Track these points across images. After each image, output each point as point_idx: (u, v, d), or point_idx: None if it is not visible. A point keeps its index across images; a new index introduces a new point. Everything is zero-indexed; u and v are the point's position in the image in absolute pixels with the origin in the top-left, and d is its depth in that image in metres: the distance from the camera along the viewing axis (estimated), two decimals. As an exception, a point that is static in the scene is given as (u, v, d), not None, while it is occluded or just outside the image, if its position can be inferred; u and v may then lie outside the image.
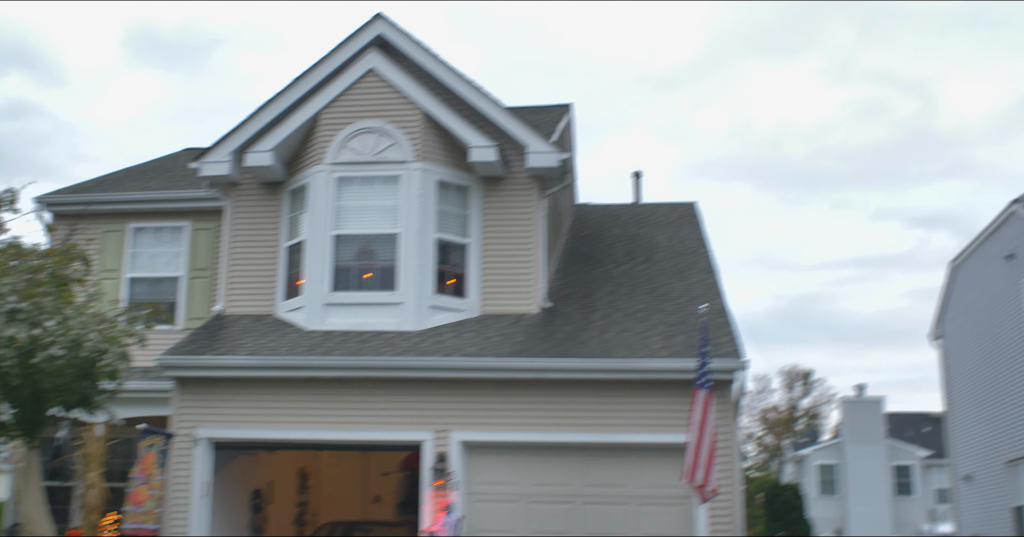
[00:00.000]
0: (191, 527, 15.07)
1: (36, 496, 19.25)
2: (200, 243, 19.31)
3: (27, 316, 12.63)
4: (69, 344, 13.00)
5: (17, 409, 14.42)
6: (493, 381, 14.74)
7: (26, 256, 13.74)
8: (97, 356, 13.39)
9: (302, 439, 15.35)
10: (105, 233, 19.70)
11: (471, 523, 14.62)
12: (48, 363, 12.97)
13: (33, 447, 19.12)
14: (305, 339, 15.77)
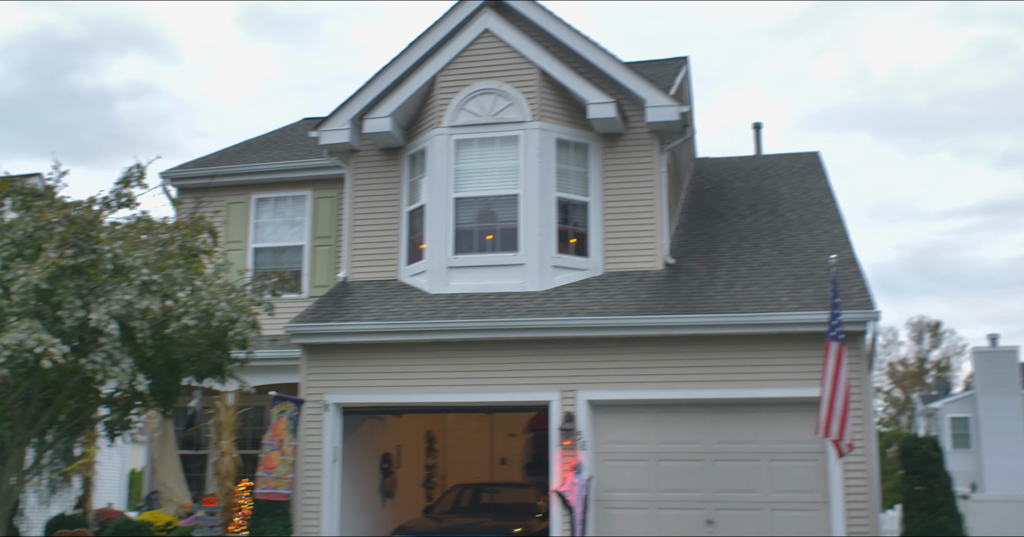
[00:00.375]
0: (323, 491, 15.34)
1: (172, 464, 19.83)
2: (322, 211, 19.53)
3: (159, 288, 12.90)
4: (200, 314, 13.25)
5: (152, 380, 14.78)
6: (618, 339, 14.64)
7: (155, 230, 14.04)
8: (228, 325, 13.65)
9: (429, 402, 15.47)
10: (229, 205, 20.05)
11: (600, 482, 14.60)
12: (181, 333, 13.25)
13: (168, 417, 19.64)
14: (429, 303, 15.86)
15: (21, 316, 12.09)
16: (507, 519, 16.43)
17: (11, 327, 11.76)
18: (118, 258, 12.54)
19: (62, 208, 12.84)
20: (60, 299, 12.36)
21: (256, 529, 14.48)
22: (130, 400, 15.50)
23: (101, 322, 12.05)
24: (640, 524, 14.50)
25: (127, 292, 12.41)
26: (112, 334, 12.10)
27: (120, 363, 12.39)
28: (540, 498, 17.26)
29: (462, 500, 18.03)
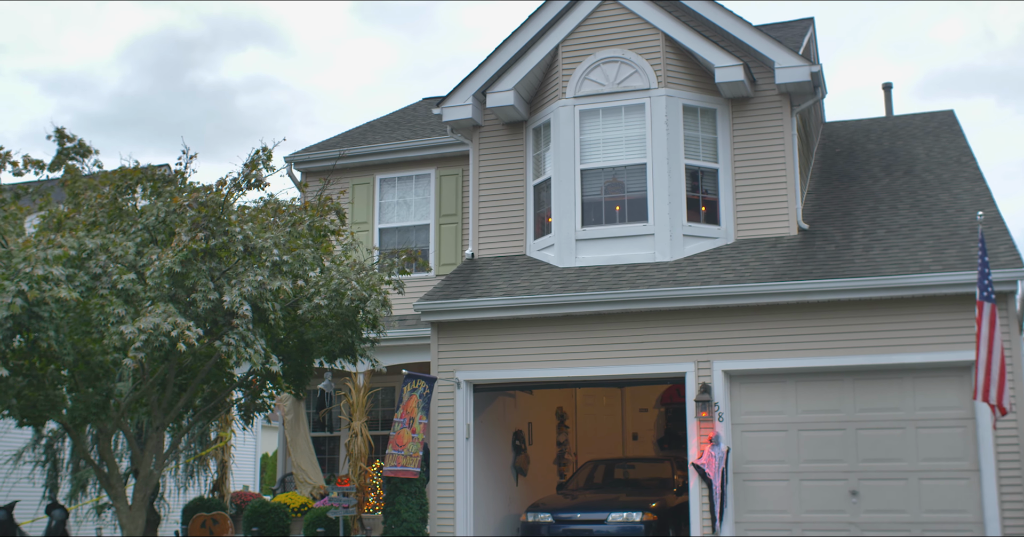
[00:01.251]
0: (457, 469, 15.24)
1: (304, 447, 19.99)
2: (446, 189, 19.44)
3: (290, 268, 12.90)
4: (331, 294, 13.23)
5: (284, 361, 14.84)
6: (754, 307, 14.22)
7: (283, 212, 14.06)
8: (358, 304, 13.59)
9: (561, 377, 15.24)
10: (353, 186, 20.09)
11: (738, 454, 14.23)
12: (312, 313, 13.23)
13: (300, 399, 19.76)
14: (558, 276, 15.63)
15: (156, 300, 12.19)
16: (642, 494, 16.14)
17: (147, 312, 11.86)
18: (249, 240, 12.56)
19: (192, 192, 12.91)
20: (193, 282, 12.44)
21: (391, 508, 14.46)
22: (263, 382, 15.63)
23: (234, 304, 12.08)
24: (781, 496, 14.10)
25: (258, 273, 12.43)
26: (245, 316, 12.12)
27: (253, 345, 12.40)
28: (676, 473, 16.94)
29: (595, 476, 17.79)
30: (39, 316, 11.92)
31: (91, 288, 12.26)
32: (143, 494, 14.16)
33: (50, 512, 15.21)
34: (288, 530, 18.87)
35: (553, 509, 15.75)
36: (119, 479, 14.28)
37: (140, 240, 12.77)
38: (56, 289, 11.45)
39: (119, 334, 11.76)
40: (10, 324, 11.68)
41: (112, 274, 12.21)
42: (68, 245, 12.21)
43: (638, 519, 15.06)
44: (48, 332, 11.94)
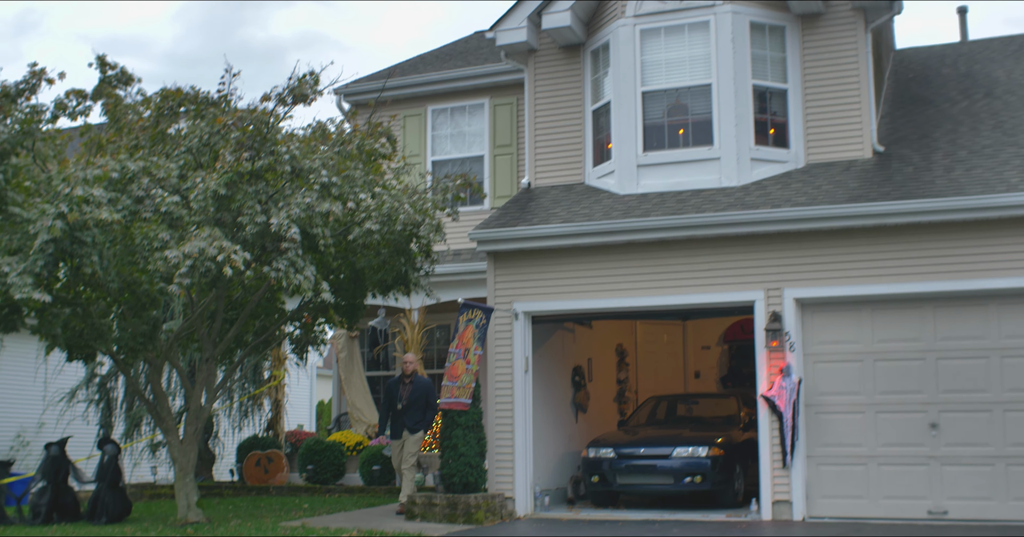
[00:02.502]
0: (515, 404, 14.72)
1: (359, 385, 19.59)
2: (500, 119, 18.81)
3: (339, 191, 12.36)
4: (383, 219, 12.70)
5: (336, 293, 14.37)
6: (828, 232, 13.49)
7: (331, 137, 13.50)
8: (411, 229, 13.06)
9: (623, 307, 14.61)
10: (405, 118, 19.51)
11: (810, 386, 13.57)
12: (363, 239, 12.71)
13: (353, 337, 19.39)
14: (619, 204, 14.98)
15: (201, 225, 11.73)
16: (707, 430, 15.55)
17: (191, 236, 11.40)
18: (296, 160, 12.05)
19: (236, 112, 12.38)
20: (239, 205, 11.97)
21: (448, 442, 13.98)
22: (315, 316, 15.18)
23: (281, 227, 11.59)
24: (855, 429, 13.44)
25: (307, 196, 11.91)
26: (294, 239, 11.62)
27: (303, 271, 11.93)
28: (742, 409, 16.33)
29: (658, 412, 17.22)
30: (82, 241, 11.53)
31: (134, 212, 11.83)
32: (194, 428, 13.80)
33: (102, 447, 14.88)
34: (343, 468, 18.53)
35: (615, 444, 15.20)
36: (170, 413, 13.94)
37: (183, 163, 12.30)
38: (97, 211, 11.02)
39: (164, 259, 11.33)
40: (52, 249, 11.29)
41: (155, 197, 11.77)
42: (110, 167, 11.78)
43: (704, 454, 14.49)
44: (92, 257, 11.55)
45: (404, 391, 14.60)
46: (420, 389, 14.59)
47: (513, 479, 14.59)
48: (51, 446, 15.11)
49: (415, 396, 14.54)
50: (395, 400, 14.59)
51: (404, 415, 14.48)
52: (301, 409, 29.38)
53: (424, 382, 14.74)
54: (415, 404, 14.51)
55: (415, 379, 14.69)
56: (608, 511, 14.82)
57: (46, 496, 14.77)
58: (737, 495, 14.88)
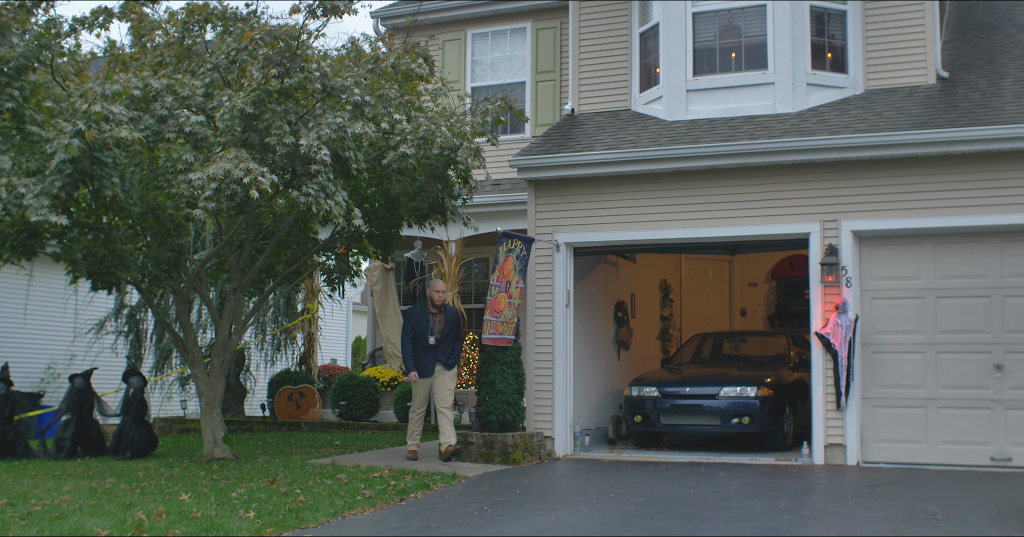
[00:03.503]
0: (556, 339, 14.10)
1: (394, 319, 19.04)
2: (543, 44, 18.02)
3: (373, 112, 11.67)
4: (419, 142, 12.01)
5: (370, 222, 13.77)
6: (889, 160, 12.69)
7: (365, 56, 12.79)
8: (448, 154, 12.37)
9: (669, 238, 13.88)
10: (444, 43, 18.75)
11: (867, 324, 12.86)
12: (398, 164, 12.04)
13: (388, 269, 18.80)
14: (667, 130, 14.21)
15: (227, 146, 11.09)
16: (755, 370, 14.89)
17: (217, 158, 10.77)
18: (327, 78, 11.35)
19: (264, 26, 11.67)
20: (267, 126, 11.29)
21: (485, 378, 13.41)
22: (348, 246, 14.58)
23: (311, 148, 10.93)
24: (915, 369, 12.74)
25: (338, 116, 11.23)
26: (324, 161, 10.96)
27: (334, 196, 11.28)
28: (791, 348, 15.66)
29: (703, 350, 16.56)
30: (102, 162, 10.95)
31: (157, 132, 11.22)
32: (221, 361, 13.30)
33: (127, 380, 14.43)
34: (377, 404, 18.05)
35: (659, 383, 14.58)
36: (196, 345, 13.43)
37: (209, 81, 11.64)
38: (117, 129, 10.39)
39: (187, 182, 10.71)
40: (70, 170, 10.71)
41: (179, 117, 11.12)
42: (132, 85, 11.15)
43: (752, 394, 13.83)
44: (112, 179, 10.97)
45: (435, 323, 13.23)
46: (452, 320, 13.37)
47: (552, 418, 14.02)
48: (76, 377, 14.68)
49: (448, 328, 13.32)
50: (425, 333, 13.18)
51: (436, 350, 13.21)
52: (337, 344, 28.94)
53: (455, 312, 13.52)
54: (448, 337, 13.34)
55: (446, 309, 13.42)
56: (651, 452, 14.24)
57: (70, 429, 14.39)
58: (786, 438, 14.25)
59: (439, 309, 13.31)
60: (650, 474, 12.09)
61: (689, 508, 9.58)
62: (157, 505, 9.65)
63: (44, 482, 11.64)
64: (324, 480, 11.27)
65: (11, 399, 14.69)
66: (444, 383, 13.23)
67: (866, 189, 12.80)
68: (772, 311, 19.69)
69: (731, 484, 11.11)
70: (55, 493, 10.67)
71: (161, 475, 11.97)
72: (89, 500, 10.12)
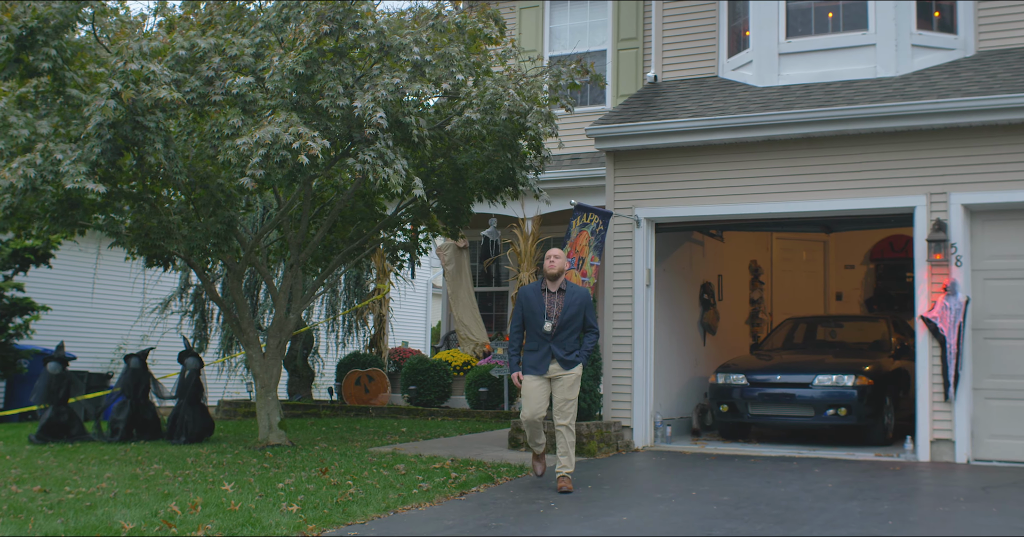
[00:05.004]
0: (635, 322, 13.08)
1: (467, 300, 18.15)
2: (624, 10, 16.95)
3: (433, 72, 10.75)
4: (485, 107, 11.06)
5: (437, 195, 12.89)
6: (1005, 126, 11.43)
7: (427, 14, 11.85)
8: (517, 119, 11.40)
9: (758, 213, 12.75)
10: (521, 11, 17.79)
11: (979, 307, 11.64)
12: (463, 129, 11.11)
13: (461, 247, 17.90)
14: (757, 96, 13.10)
15: (277, 109, 10.25)
16: (853, 357, 13.72)
17: (266, 122, 9.94)
18: (383, 36, 10.44)
19: (317, -19, 10.80)
20: (320, 87, 10.43)
21: (559, 363, 12.44)
22: (416, 220, 13.73)
23: (366, 111, 10.03)
24: (1032, 359, 11.51)
25: (396, 76, 10.32)
26: (379, 124, 10.05)
27: (393, 164, 10.36)
28: (892, 334, 14.45)
29: (796, 336, 15.41)
30: (144, 126, 10.17)
31: (203, 95, 10.42)
32: (277, 341, 12.52)
33: (182, 360, 13.73)
34: (449, 390, 17.20)
35: (748, 370, 13.49)
36: (251, 324, 12.66)
37: (260, 40, 10.80)
38: (156, 89, 9.60)
39: (234, 148, 9.89)
40: (110, 134, 9.94)
41: (226, 78, 10.32)
42: (178, 45, 10.37)
43: (850, 383, 12.67)
44: (155, 145, 10.17)
45: (551, 304, 9.72)
46: (577, 302, 9.76)
47: (631, 406, 13.01)
48: (131, 358, 14.04)
49: (572, 312, 9.72)
50: (539, 317, 9.70)
51: (553, 340, 9.66)
52: (413, 328, 28.08)
53: (583, 294, 9.85)
54: (570, 324, 9.72)
55: (568, 287, 9.83)
56: (737, 445, 13.18)
57: (124, 412, 13.75)
58: (887, 431, 13.07)
59: (558, 286, 9.83)
60: (736, 469, 11.05)
61: (779, 510, 8.54)
62: (196, 495, 8.91)
63: (88, 467, 11.00)
64: (380, 470, 10.43)
65: (66, 380, 14.09)
66: (564, 390, 9.70)
67: (979, 158, 11.57)
68: (870, 295, 18.43)
69: (826, 482, 10.02)
70: (94, 480, 10.00)
71: (210, 462, 11.25)
72: (126, 488, 9.42)
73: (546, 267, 9.78)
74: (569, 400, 9.66)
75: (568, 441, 9.65)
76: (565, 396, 9.67)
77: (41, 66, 10.25)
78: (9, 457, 11.95)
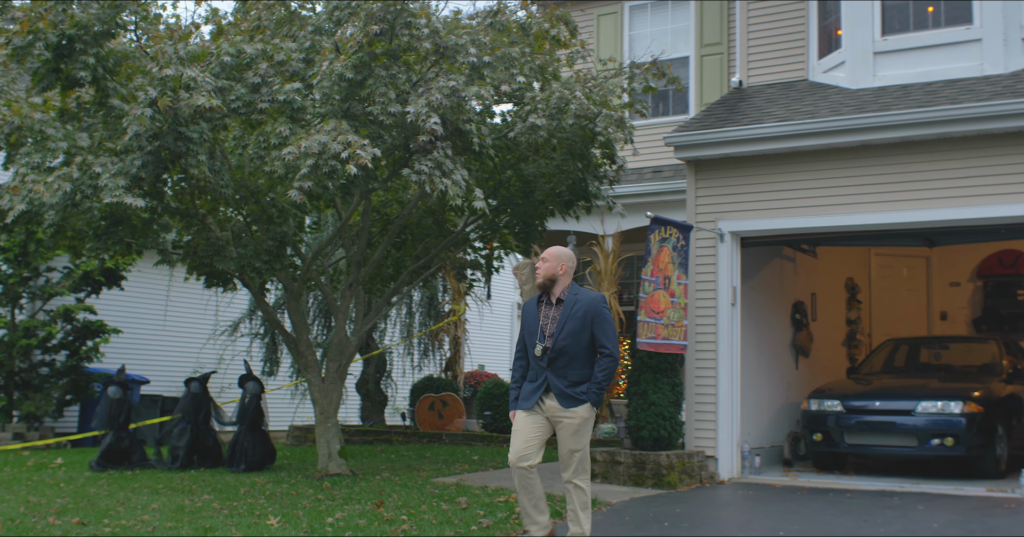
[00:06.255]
0: (719, 342, 12.13)
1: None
2: (708, 14, 16.04)
3: (493, 74, 9.99)
4: (551, 111, 10.27)
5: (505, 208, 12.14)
6: None
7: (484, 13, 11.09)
8: (586, 124, 10.58)
9: (853, 225, 11.71)
10: (598, 18, 16.98)
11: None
12: (527, 136, 10.32)
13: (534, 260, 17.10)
14: (850, 99, 12.12)
15: (326, 117, 9.58)
16: (960, 381, 12.60)
17: (314, 130, 9.26)
18: (438, 36, 9.71)
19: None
20: (370, 93, 9.73)
21: (635, 388, 11.59)
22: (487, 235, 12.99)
23: (419, 116, 9.29)
24: None
25: (451, 79, 9.58)
26: (434, 131, 9.30)
27: (451, 174, 9.60)
28: (1003, 356, 13.29)
29: (896, 358, 14.30)
30: (187, 137, 9.55)
31: (249, 103, 9.78)
32: (337, 364, 11.84)
33: (243, 384, 13.11)
34: (526, 415, 16.34)
35: (844, 395, 12.44)
36: (310, 346, 11.99)
37: (309, 45, 10.15)
38: (195, 97, 8.98)
39: (280, 159, 9.23)
40: (151, 146, 9.35)
41: (272, 84, 9.68)
42: (224, 51, 9.76)
43: (957, 411, 11.56)
44: (198, 157, 9.55)
45: (547, 319, 7.31)
46: (579, 315, 7.20)
47: (716, 435, 12.05)
48: (191, 382, 13.48)
49: (571, 328, 7.19)
50: (532, 336, 7.38)
51: (550, 368, 7.22)
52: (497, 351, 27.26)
53: (586, 300, 7.28)
54: (572, 346, 7.19)
55: (570, 295, 7.33)
56: (833, 477, 12.12)
57: (184, 438, 13.19)
58: (999, 463, 11.88)
59: (557, 296, 7.38)
60: (830, 505, 10.04)
61: (875, 556, 7.56)
62: (238, 530, 8.22)
63: (137, 497, 10.40)
64: (440, 504, 9.64)
65: (127, 405, 13.58)
66: (567, 437, 7.25)
67: (1100, 161, 10.45)
68: (978, 315, 17.19)
69: (931, 521, 8.98)
70: (139, 511, 9.39)
71: (263, 492, 10.58)
72: (168, 521, 8.78)
73: (541, 272, 7.39)
74: (575, 451, 7.25)
75: (579, 501, 7.29)
76: (569, 446, 7.23)
77: (79, 75, 9.71)
78: (63, 485, 11.43)
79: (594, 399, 7.18)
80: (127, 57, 10.40)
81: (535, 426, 7.23)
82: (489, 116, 11.22)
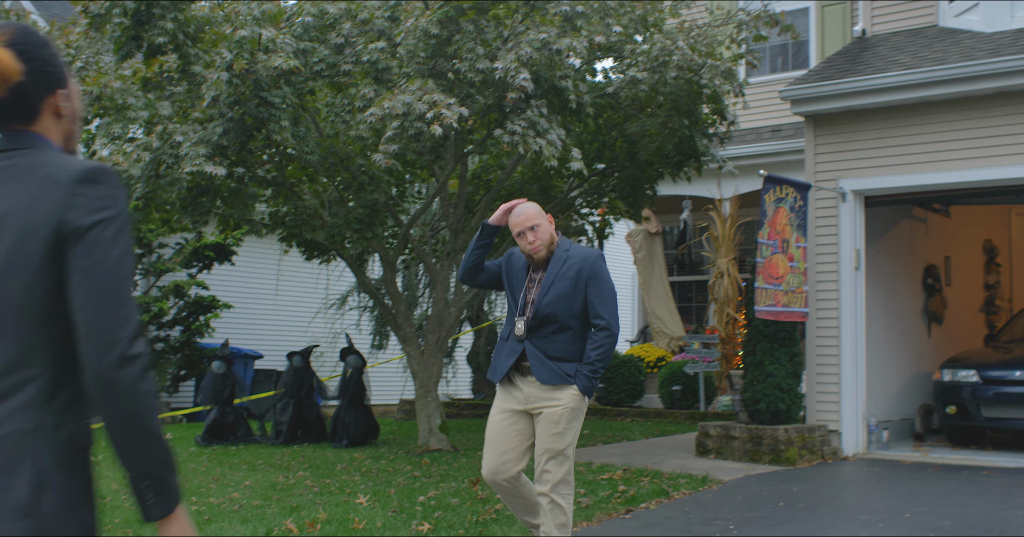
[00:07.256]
0: (841, 309, 11.32)
1: (660, 290, 16.63)
2: (829, -40, 15.11)
3: (587, 24, 9.35)
4: (652, 64, 9.60)
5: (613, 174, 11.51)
6: None
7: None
8: (690, 77, 9.87)
9: (990, 180, 10.74)
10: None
11: None
12: (629, 91, 9.67)
13: (653, 234, 16.44)
14: (985, 43, 11.15)
15: (411, 76, 9.08)
16: (1110, 349, 11.60)
17: (399, 90, 8.77)
18: (530, -15, 9.12)
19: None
20: (457, 49, 9.19)
21: (751, 358, 10.90)
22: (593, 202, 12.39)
23: (507, 72, 8.72)
24: None
25: (542, 31, 8.98)
26: (522, 88, 8.72)
27: (546, 134, 9.01)
28: None
29: (1040, 325, 13.30)
30: (269, 102, 9.16)
31: (332, 64, 9.34)
32: (436, 336, 11.39)
33: (344, 358, 12.79)
34: (641, 388, 15.76)
35: (980, 365, 11.53)
36: (408, 318, 11.57)
37: (394, 2, 9.66)
38: (272, 58, 8.57)
39: (364, 122, 8.78)
40: (232, 113, 8.98)
41: (356, 44, 9.21)
42: (306, 11, 9.34)
43: (1106, 380, 10.61)
44: (281, 122, 9.15)
45: (532, 282, 5.62)
46: (570, 275, 5.52)
47: (839, 407, 11.27)
48: (294, 356, 13.21)
49: (557, 292, 5.51)
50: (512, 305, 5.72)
51: (531, 337, 5.53)
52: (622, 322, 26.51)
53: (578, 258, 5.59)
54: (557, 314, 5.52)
55: (558, 252, 5.62)
56: (968, 453, 11.25)
57: (288, 413, 12.94)
58: None
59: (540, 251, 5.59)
60: (964, 484, 9.23)
61: (1013, 543, 6.81)
62: (324, 509, 7.84)
63: (234, 473, 10.18)
64: (540, 482, 9.11)
65: (231, 380, 13.39)
66: (546, 433, 5.52)
67: None
68: None
69: (1077, 503, 8.15)
70: (230, 488, 9.14)
71: (359, 469, 10.24)
72: (255, 500, 8.47)
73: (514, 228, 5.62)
74: (553, 452, 5.50)
75: (555, 521, 5.48)
76: (546, 443, 5.50)
77: (159, 41, 9.37)
78: (163, 462, 11.24)
79: (584, 384, 5.49)
80: (208, 22, 10.05)
81: (513, 432, 5.59)
82: (591, 74, 10.59)
